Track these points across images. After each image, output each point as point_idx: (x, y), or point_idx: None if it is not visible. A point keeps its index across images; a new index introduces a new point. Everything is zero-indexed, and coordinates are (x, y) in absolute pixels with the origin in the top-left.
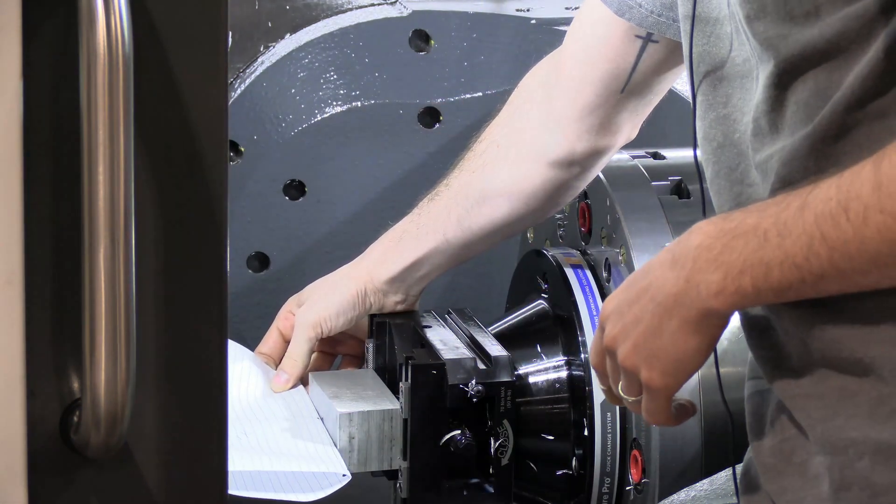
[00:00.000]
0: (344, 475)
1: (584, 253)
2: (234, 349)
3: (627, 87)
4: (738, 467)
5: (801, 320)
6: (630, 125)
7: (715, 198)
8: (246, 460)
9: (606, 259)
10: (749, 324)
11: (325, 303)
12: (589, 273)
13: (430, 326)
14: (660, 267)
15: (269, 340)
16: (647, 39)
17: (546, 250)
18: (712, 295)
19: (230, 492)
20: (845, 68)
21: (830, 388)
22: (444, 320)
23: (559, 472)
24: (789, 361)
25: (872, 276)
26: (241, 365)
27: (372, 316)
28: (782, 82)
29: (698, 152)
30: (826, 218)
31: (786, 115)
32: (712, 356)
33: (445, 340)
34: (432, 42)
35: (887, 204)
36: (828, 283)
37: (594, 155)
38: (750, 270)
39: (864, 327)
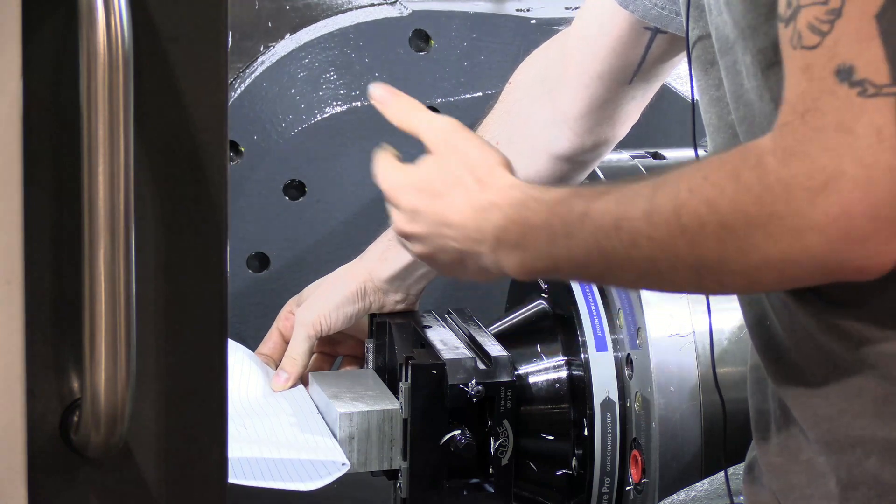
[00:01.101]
0: (343, 464)
1: None
2: (235, 349)
3: (635, 79)
4: (738, 467)
5: (807, 317)
6: (636, 112)
7: None
8: (245, 449)
9: None
10: (751, 321)
11: (324, 301)
12: None
13: (430, 326)
14: (465, 238)
15: (270, 341)
16: (656, 30)
17: None
18: (515, 271)
19: (229, 481)
20: None
21: (835, 387)
22: (444, 320)
23: (559, 472)
24: (791, 359)
25: (643, 285)
26: (242, 365)
27: (372, 316)
28: (761, 71)
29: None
30: (602, 231)
31: (771, 105)
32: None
33: (445, 340)
34: (432, 42)
35: (654, 233)
36: (609, 282)
37: (601, 146)
38: (542, 260)
39: (870, 325)
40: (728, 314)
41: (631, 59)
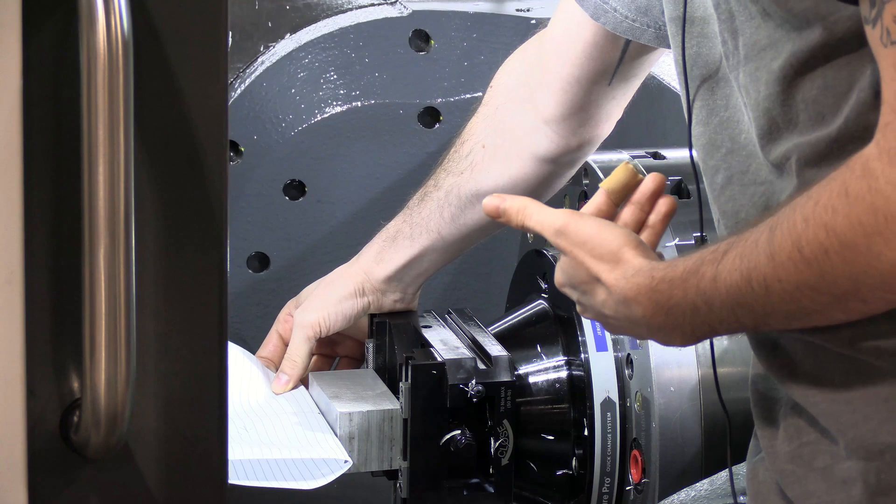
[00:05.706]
0: (346, 461)
1: None
2: (235, 352)
3: (614, 80)
4: (740, 466)
5: (831, 330)
6: (618, 110)
7: (729, 203)
8: (247, 451)
9: None
10: (756, 336)
11: (322, 303)
12: None
13: (430, 326)
14: (624, 327)
15: (269, 344)
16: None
17: (546, 250)
18: (680, 345)
19: (231, 482)
20: (856, 64)
21: (858, 394)
22: (444, 320)
23: (559, 472)
24: (807, 366)
25: (800, 323)
26: (242, 368)
27: (371, 316)
28: (789, 77)
29: (701, 156)
30: (735, 288)
31: (796, 110)
32: (710, 357)
33: (445, 340)
34: (432, 42)
35: (781, 273)
36: (770, 328)
37: (586, 145)
38: (699, 329)
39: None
40: None
41: (608, 61)
